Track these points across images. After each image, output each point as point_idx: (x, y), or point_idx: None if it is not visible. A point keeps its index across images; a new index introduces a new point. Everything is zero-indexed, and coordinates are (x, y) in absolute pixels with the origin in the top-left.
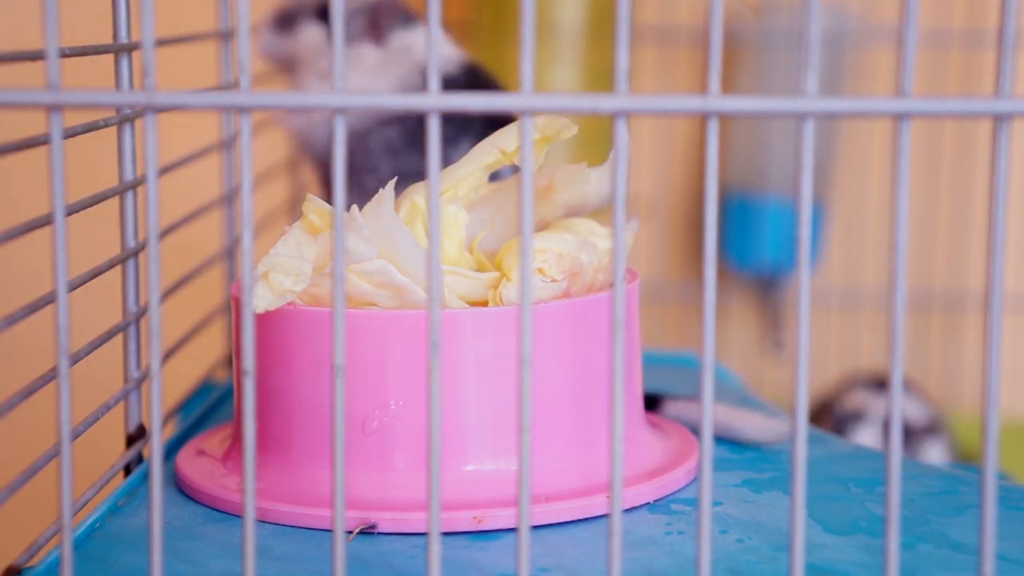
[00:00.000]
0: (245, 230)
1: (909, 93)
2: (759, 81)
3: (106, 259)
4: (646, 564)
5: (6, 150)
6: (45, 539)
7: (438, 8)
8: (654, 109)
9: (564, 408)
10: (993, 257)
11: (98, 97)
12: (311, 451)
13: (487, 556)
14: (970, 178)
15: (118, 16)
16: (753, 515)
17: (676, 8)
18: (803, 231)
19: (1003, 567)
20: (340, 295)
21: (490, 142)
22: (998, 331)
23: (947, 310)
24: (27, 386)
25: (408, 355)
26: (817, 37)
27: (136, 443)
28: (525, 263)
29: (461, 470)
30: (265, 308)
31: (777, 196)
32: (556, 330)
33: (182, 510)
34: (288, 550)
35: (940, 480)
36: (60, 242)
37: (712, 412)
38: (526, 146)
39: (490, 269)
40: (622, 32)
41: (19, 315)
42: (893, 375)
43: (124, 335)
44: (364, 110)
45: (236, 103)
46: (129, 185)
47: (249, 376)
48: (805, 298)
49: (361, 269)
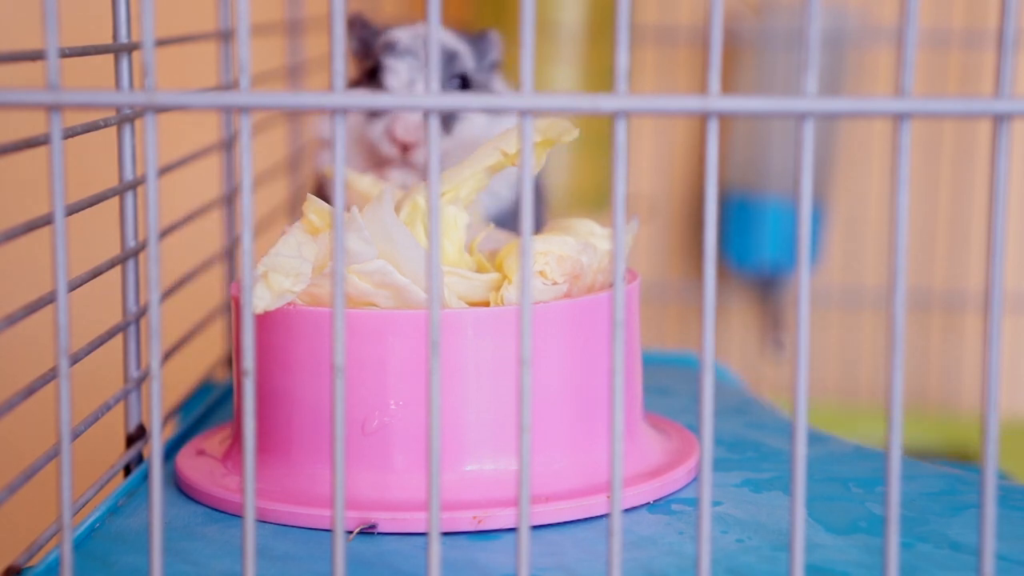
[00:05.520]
0: (245, 230)
1: (909, 93)
2: (759, 81)
3: (106, 259)
4: (646, 564)
5: (6, 150)
6: (45, 539)
7: (438, 8)
8: (654, 109)
9: (564, 408)
10: (993, 257)
11: (98, 97)
12: (311, 451)
13: (487, 556)
14: (970, 178)
15: (118, 16)
16: (753, 515)
17: (676, 8)
18: (803, 231)
19: (1003, 567)
20: (340, 295)
21: (492, 144)
22: (998, 331)
23: (947, 310)
24: (27, 386)
25: (408, 355)
26: (817, 37)
27: (136, 443)
28: (525, 263)
29: (461, 470)
30: (265, 308)
31: (777, 196)
32: (556, 330)
33: (182, 510)
34: (288, 550)
35: (940, 480)
36: (60, 242)
37: (710, 410)
38: (526, 146)
39: (490, 270)
40: (622, 32)
41: (19, 315)
42: (893, 375)
43: (124, 335)
44: (364, 110)
45: (236, 103)
46: (129, 185)
47: (249, 376)
48: (805, 298)
49: (361, 269)
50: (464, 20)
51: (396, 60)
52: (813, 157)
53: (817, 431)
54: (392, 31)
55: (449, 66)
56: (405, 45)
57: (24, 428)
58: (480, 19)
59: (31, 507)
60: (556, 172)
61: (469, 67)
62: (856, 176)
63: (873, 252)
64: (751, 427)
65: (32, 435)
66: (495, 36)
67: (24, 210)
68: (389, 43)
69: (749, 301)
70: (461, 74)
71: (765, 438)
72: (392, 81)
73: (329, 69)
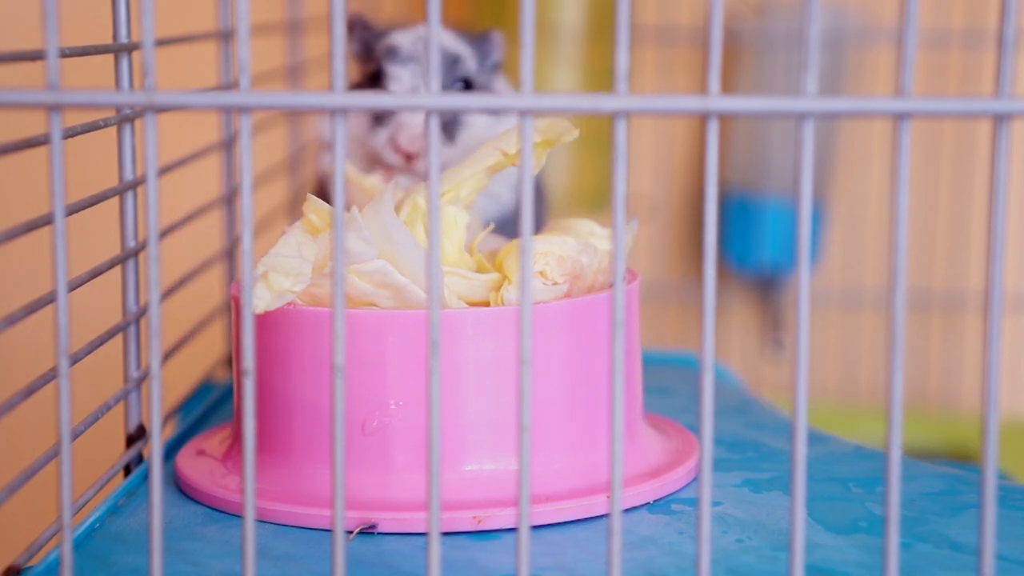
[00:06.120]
0: (245, 230)
1: (909, 93)
2: (759, 81)
3: (106, 259)
4: (646, 564)
5: (6, 150)
6: (45, 539)
7: (438, 8)
8: (654, 109)
9: (564, 408)
10: (993, 257)
11: (98, 97)
12: (311, 451)
13: (487, 556)
14: (970, 178)
15: (118, 16)
16: (753, 515)
17: (676, 8)
18: (803, 231)
19: (1003, 567)
20: (340, 295)
21: (492, 144)
22: (998, 331)
23: (947, 310)
24: (27, 386)
25: (408, 355)
26: (817, 37)
27: (136, 443)
28: (525, 263)
29: (461, 470)
30: (265, 308)
31: (777, 196)
32: (556, 330)
33: (182, 510)
34: (288, 550)
35: (940, 480)
36: (60, 242)
37: (710, 410)
38: (526, 146)
39: (490, 270)
40: (622, 32)
41: (19, 315)
42: (893, 375)
43: (124, 335)
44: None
45: (236, 103)
46: (129, 185)
47: (249, 376)
48: (805, 298)
49: (361, 269)
50: (464, 20)
51: (399, 67)
52: (813, 157)
53: (817, 431)
54: (393, 34)
55: (452, 70)
56: (408, 51)
57: (24, 428)
58: (480, 19)
59: (31, 507)
60: (556, 172)
61: (472, 70)
62: (856, 176)
63: (873, 252)
64: (751, 427)
65: (32, 435)
66: (497, 36)
67: (24, 210)
68: (391, 49)
69: (749, 301)
70: (464, 78)
71: (765, 438)
72: (395, 88)
73: (329, 69)
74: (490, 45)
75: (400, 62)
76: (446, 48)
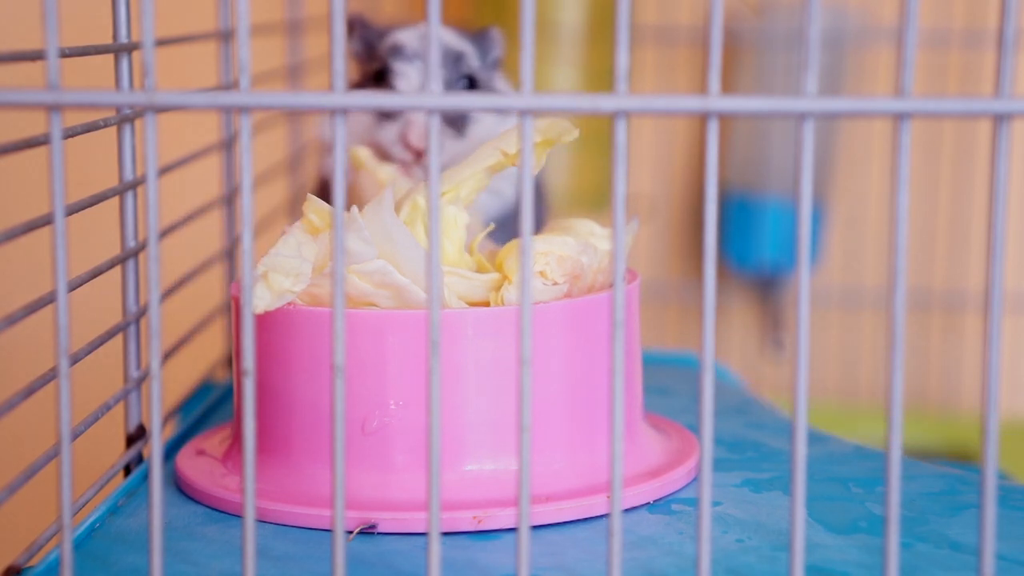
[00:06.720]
0: (245, 230)
1: (909, 93)
2: (759, 81)
3: (106, 259)
4: (646, 564)
5: (6, 150)
6: (45, 539)
7: (438, 8)
8: (654, 109)
9: (564, 408)
10: (993, 257)
11: (98, 97)
12: (311, 451)
13: (487, 556)
14: (970, 178)
15: (118, 16)
16: (753, 515)
17: (676, 8)
18: (803, 231)
19: (1003, 567)
20: (340, 295)
21: (492, 144)
22: (998, 331)
23: (947, 310)
24: (27, 386)
25: (408, 355)
26: (817, 37)
27: (136, 443)
28: (525, 263)
29: (461, 470)
30: (265, 308)
31: (777, 196)
32: (556, 330)
33: (182, 510)
34: (288, 550)
35: (940, 480)
36: (60, 242)
37: (710, 410)
38: (526, 146)
39: (490, 270)
40: (622, 32)
41: (19, 315)
42: (893, 375)
43: (124, 335)
44: (364, 111)
45: (236, 103)
46: (129, 185)
47: (249, 376)
48: (805, 298)
49: (361, 269)
50: (464, 20)
51: (406, 64)
52: (813, 157)
53: (817, 431)
54: (396, 33)
55: (456, 67)
56: (413, 49)
57: (24, 428)
58: (480, 19)
59: (31, 507)
60: (556, 172)
61: (475, 67)
62: (856, 176)
63: (873, 252)
64: (751, 427)
65: (32, 435)
66: (497, 33)
67: (24, 210)
68: (396, 47)
69: (749, 301)
70: (468, 75)
71: (765, 438)
72: (403, 85)
73: (329, 69)
74: (490, 42)
75: (406, 59)
76: (449, 45)
